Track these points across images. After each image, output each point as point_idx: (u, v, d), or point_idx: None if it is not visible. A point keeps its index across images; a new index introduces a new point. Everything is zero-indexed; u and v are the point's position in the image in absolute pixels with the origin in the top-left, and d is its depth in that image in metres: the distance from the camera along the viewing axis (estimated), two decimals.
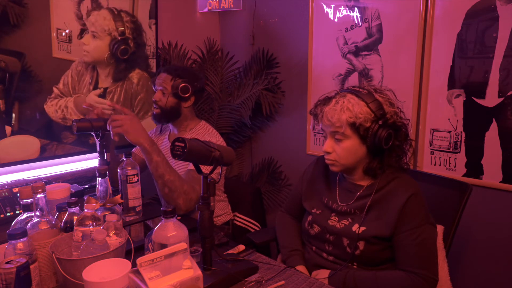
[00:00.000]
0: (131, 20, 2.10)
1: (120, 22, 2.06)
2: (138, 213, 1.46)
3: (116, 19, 2.04)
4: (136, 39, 2.14)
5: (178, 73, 1.66)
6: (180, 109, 1.69)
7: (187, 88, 1.64)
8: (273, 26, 2.38)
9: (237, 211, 1.88)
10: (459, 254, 1.71)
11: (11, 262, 0.86)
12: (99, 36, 2.00)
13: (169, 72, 1.68)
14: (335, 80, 2.09)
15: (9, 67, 1.75)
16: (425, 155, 1.78)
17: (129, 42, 2.11)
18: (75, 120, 1.53)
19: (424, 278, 1.10)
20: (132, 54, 2.13)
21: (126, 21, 2.08)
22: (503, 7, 1.50)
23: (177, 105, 1.68)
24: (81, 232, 1.01)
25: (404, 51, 1.79)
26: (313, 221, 1.29)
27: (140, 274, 0.78)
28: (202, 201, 1.03)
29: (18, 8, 1.74)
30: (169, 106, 1.66)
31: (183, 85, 1.63)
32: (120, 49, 2.06)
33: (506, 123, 1.54)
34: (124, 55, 2.09)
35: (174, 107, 1.67)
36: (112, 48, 2.05)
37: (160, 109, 1.67)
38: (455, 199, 1.32)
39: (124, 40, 2.09)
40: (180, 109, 1.69)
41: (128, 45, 2.10)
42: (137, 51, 2.16)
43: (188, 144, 0.99)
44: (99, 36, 2.00)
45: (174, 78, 1.65)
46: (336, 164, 1.21)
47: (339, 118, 1.14)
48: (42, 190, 1.02)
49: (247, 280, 1.08)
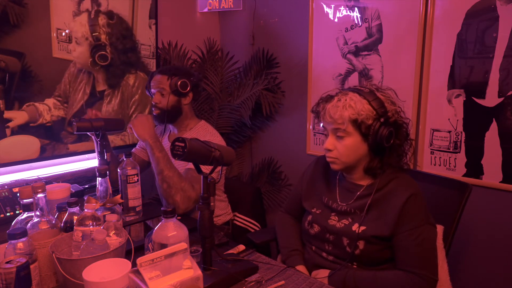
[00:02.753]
0: (108, 23, 1.99)
1: (96, 27, 1.96)
2: (138, 213, 1.46)
3: (91, 23, 1.95)
4: (115, 43, 2.04)
5: (173, 72, 1.69)
6: (181, 106, 1.71)
7: (186, 83, 1.66)
8: (273, 26, 2.39)
9: (237, 211, 1.88)
10: (459, 254, 1.71)
11: (11, 262, 0.86)
12: (80, 43, 1.95)
13: (164, 72, 1.70)
14: (335, 80, 2.09)
15: (9, 67, 1.75)
16: (425, 155, 1.78)
17: (106, 47, 2.01)
18: (75, 120, 1.53)
19: (424, 278, 1.10)
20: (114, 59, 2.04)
21: (102, 25, 1.97)
22: (503, 7, 1.50)
23: (177, 103, 1.69)
24: (81, 232, 1.01)
25: (404, 51, 1.79)
26: (313, 220, 1.29)
27: (140, 274, 0.78)
28: (202, 201, 1.03)
29: (18, 8, 1.74)
30: (171, 105, 1.68)
31: (182, 81, 1.65)
32: (98, 55, 1.98)
33: (506, 123, 1.54)
34: (103, 61, 2.00)
35: (175, 105, 1.69)
36: (91, 54, 1.98)
37: (161, 110, 1.69)
38: (455, 199, 1.32)
39: (100, 46, 1.99)
40: (181, 106, 1.71)
41: (105, 50, 2.00)
42: (121, 56, 2.07)
43: (188, 144, 0.99)
44: (80, 42, 1.95)
45: (170, 77, 1.67)
46: (337, 162, 1.21)
47: (341, 115, 1.14)
48: (42, 190, 1.02)
49: (247, 280, 1.08)
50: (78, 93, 1.99)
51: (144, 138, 1.55)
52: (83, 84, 1.98)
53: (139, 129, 1.57)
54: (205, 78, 2.42)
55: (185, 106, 1.72)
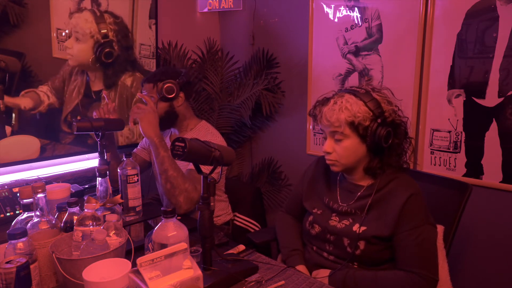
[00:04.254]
0: (114, 21, 2.01)
1: (103, 24, 1.98)
2: (138, 213, 1.46)
3: (98, 21, 1.97)
4: (121, 41, 2.06)
5: (157, 78, 1.66)
6: (175, 110, 1.68)
7: (171, 88, 1.63)
8: (273, 26, 2.38)
9: (237, 211, 1.88)
10: (459, 254, 1.71)
11: (11, 262, 0.86)
12: (82, 39, 1.94)
13: (149, 81, 1.67)
14: (335, 80, 2.09)
15: (9, 67, 1.75)
16: (425, 155, 1.78)
17: (113, 45, 2.03)
18: (75, 120, 1.53)
19: (424, 278, 1.10)
20: (117, 57, 2.06)
21: (109, 23, 1.99)
22: (503, 7, 1.50)
23: (169, 108, 1.67)
24: (81, 232, 1.01)
25: (404, 51, 1.79)
26: (314, 221, 1.29)
27: (140, 274, 0.78)
28: (202, 201, 1.03)
29: (18, 8, 1.74)
30: (163, 111, 1.65)
31: (166, 86, 1.62)
32: (104, 52, 1.99)
33: (506, 123, 1.54)
34: (108, 59, 2.01)
35: (168, 110, 1.66)
36: (96, 51, 1.98)
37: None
38: (455, 199, 1.32)
39: (108, 43, 2.01)
40: (175, 110, 1.68)
41: (112, 47, 2.02)
42: (123, 54, 2.09)
43: (188, 144, 0.99)
44: (82, 39, 1.94)
45: (155, 84, 1.65)
46: (336, 164, 1.21)
47: (337, 118, 1.14)
48: (42, 190, 1.02)
49: (247, 280, 1.08)
50: (72, 93, 1.97)
51: (149, 135, 1.51)
52: (77, 84, 1.97)
53: (146, 126, 1.52)
54: (205, 78, 2.41)
55: (179, 108, 1.69)
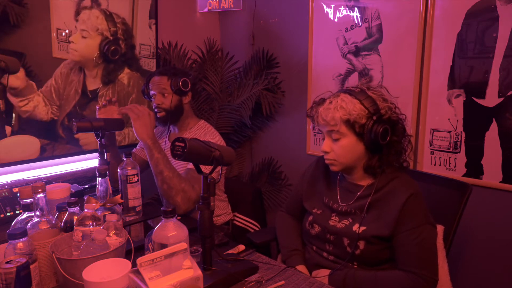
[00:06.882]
0: (122, 21, 2.07)
1: (112, 23, 2.03)
2: (138, 213, 1.46)
3: (108, 19, 2.02)
4: (127, 40, 2.12)
5: (172, 72, 1.70)
6: (183, 105, 1.72)
7: (187, 82, 1.68)
8: (273, 26, 2.38)
9: (237, 211, 1.88)
10: (459, 254, 1.71)
11: (11, 262, 0.86)
12: (90, 35, 1.97)
13: (163, 73, 1.71)
14: (335, 80, 2.09)
15: (9, 67, 1.75)
16: (425, 155, 1.78)
17: (120, 43, 2.08)
18: (75, 120, 1.53)
19: (424, 278, 1.10)
20: (122, 56, 2.10)
21: (118, 22, 2.05)
22: (503, 7, 1.50)
23: (179, 102, 1.71)
24: (81, 232, 1.01)
25: (404, 51, 1.79)
26: (313, 221, 1.29)
27: (140, 274, 0.78)
28: (202, 201, 1.03)
29: (18, 8, 1.74)
30: (174, 105, 1.69)
31: (183, 80, 1.66)
32: (111, 49, 2.03)
33: (506, 123, 1.54)
34: (114, 56, 2.06)
35: (178, 105, 1.70)
36: (102, 48, 2.02)
37: (165, 111, 1.69)
38: (455, 199, 1.32)
39: (115, 41, 2.06)
40: (183, 105, 1.72)
41: (119, 45, 2.07)
42: (127, 53, 2.13)
43: (188, 144, 0.99)
44: (90, 35, 1.97)
45: (170, 77, 1.68)
46: (335, 164, 1.21)
47: (333, 117, 1.15)
48: (42, 190, 1.02)
49: (247, 280, 1.08)
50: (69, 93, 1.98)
51: (142, 137, 1.53)
52: (74, 84, 1.98)
53: (140, 128, 1.54)
54: (205, 78, 2.42)
55: (186, 105, 1.74)
